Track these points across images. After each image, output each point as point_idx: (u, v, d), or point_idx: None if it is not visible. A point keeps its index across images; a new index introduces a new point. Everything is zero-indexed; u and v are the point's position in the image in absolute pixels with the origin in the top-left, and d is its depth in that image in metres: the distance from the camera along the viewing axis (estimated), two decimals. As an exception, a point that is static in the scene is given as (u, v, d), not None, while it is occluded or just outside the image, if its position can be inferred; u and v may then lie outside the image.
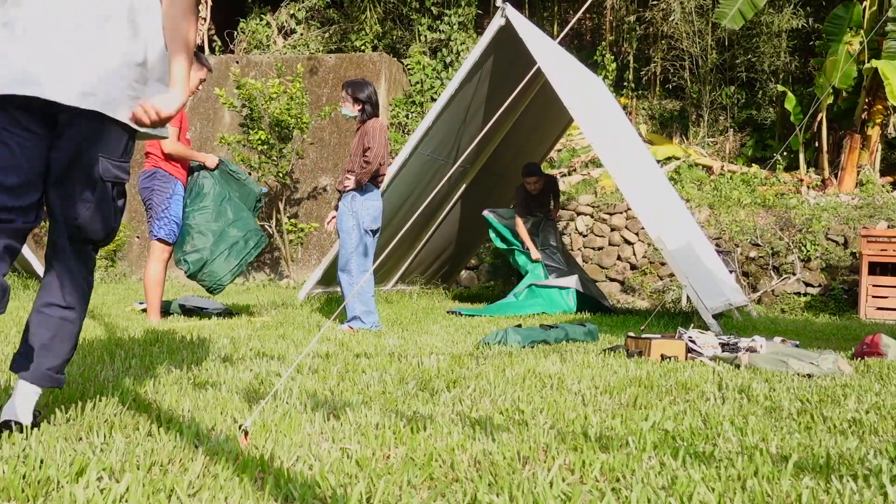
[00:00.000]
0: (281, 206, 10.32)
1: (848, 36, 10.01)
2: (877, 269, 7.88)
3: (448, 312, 6.54)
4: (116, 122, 2.06)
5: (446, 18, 12.24)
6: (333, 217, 5.37)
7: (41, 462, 1.69)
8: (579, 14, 3.04)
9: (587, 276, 7.79)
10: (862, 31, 9.95)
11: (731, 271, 8.17)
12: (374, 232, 5.18)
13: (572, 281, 7.25)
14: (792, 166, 10.97)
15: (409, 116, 11.57)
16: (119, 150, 2.09)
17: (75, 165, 2.03)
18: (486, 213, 7.77)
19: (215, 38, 13.38)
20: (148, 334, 4.21)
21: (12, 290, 7.30)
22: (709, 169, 11.01)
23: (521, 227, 7.53)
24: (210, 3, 13.06)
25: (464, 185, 8.34)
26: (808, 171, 10.67)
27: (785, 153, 10.91)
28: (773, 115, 11.75)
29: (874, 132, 10.34)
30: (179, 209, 5.29)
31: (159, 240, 5.26)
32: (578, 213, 9.92)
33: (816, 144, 10.85)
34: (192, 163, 5.41)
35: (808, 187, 10.25)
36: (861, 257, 7.84)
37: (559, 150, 11.57)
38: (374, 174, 5.10)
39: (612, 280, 9.50)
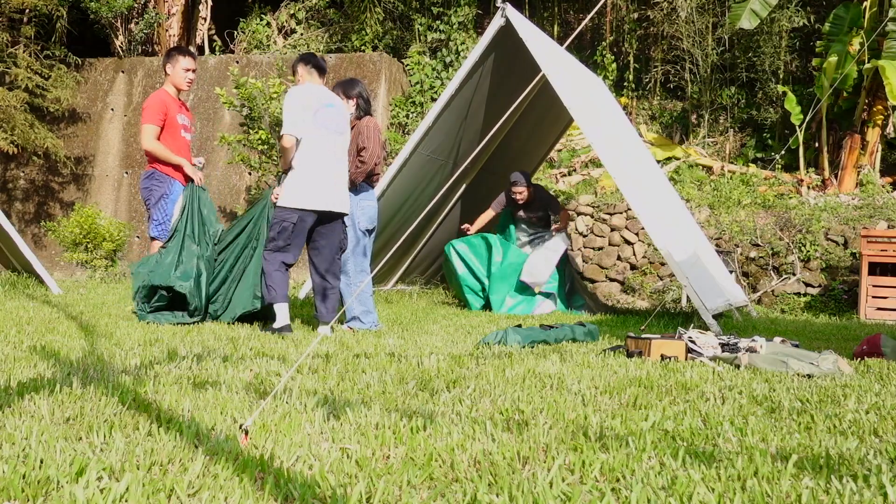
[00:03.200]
0: (281, 206, 10.30)
1: (848, 36, 10.01)
2: (877, 269, 7.88)
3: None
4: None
5: (446, 18, 12.23)
6: None
7: (41, 462, 1.69)
8: (587, 20, 3.04)
9: (590, 300, 7.78)
10: (862, 32, 9.95)
11: (731, 271, 8.17)
12: (370, 232, 5.16)
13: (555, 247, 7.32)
14: (792, 166, 10.96)
15: (409, 116, 11.56)
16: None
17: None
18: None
19: (215, 37, 13.38)
20: (148, 334, 4.21)
21: (12, 289, 7.29)
22: (709, 169, 11.01)
23: (484, 215, 7.71)
24: (210, 2, 13.05)
25: (464, 186, 8.33)
26: (808, 172, 10.66)
27: (785, 153, 10.91)
28: (773, 115, 11.75)
29: (874, 132, 10.34)
30: (174, 209, 5.25)
31: (153, 238, 5.27)
32: (578, 213, 9.92)
33: (816, 145, 10.84)
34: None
35: (808, 187, 10.25)
36: (861, 257, 7.84)
37: (559, 150, 11.57)
38: (368, 174, 5.08)
39: (612, 280, 9.49)
